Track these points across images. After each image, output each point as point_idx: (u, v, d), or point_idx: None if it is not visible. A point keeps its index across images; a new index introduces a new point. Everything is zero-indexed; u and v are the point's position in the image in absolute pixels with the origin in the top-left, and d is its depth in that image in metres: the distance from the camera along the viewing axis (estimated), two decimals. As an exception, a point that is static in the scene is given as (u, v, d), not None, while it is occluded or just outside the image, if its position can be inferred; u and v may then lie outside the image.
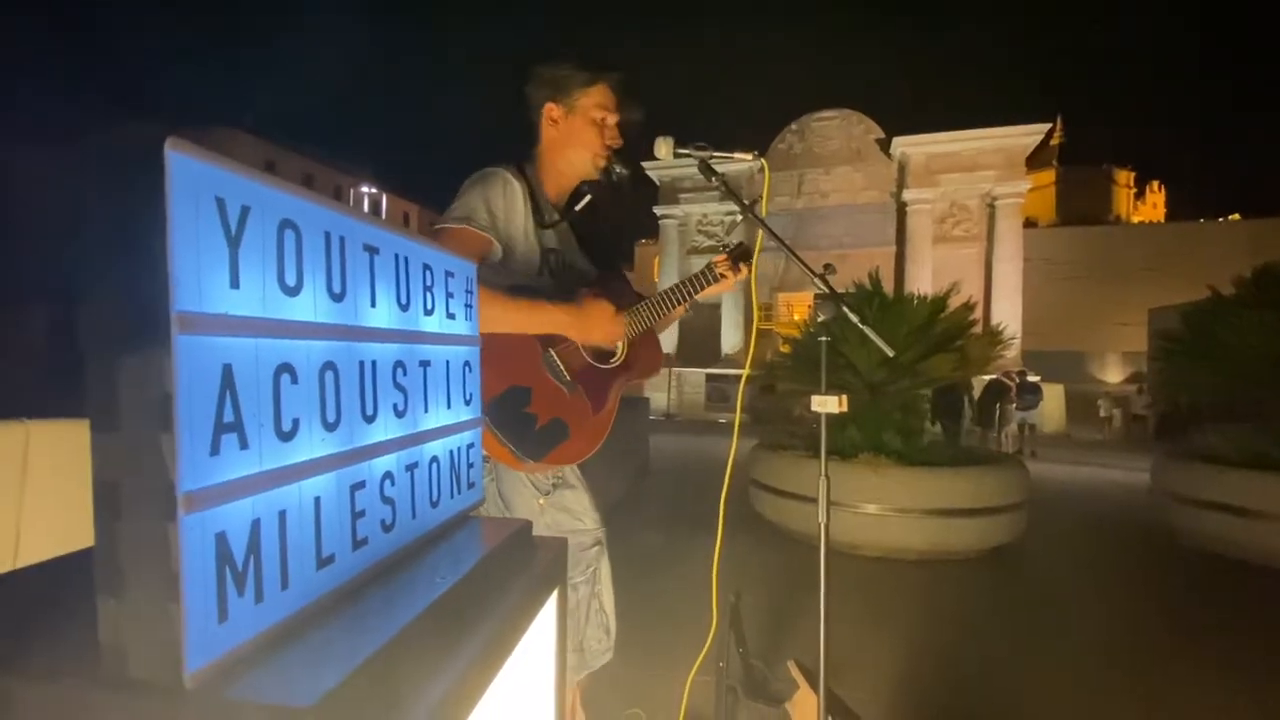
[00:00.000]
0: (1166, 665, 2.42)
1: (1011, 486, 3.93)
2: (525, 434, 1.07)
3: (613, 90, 1.29)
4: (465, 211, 1.11)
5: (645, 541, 4.23)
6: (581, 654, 1.16)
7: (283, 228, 0.34)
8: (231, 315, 0.29)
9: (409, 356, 0.46)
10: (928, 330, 4.25)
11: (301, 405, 0.34)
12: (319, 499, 0.35)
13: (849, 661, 2.35)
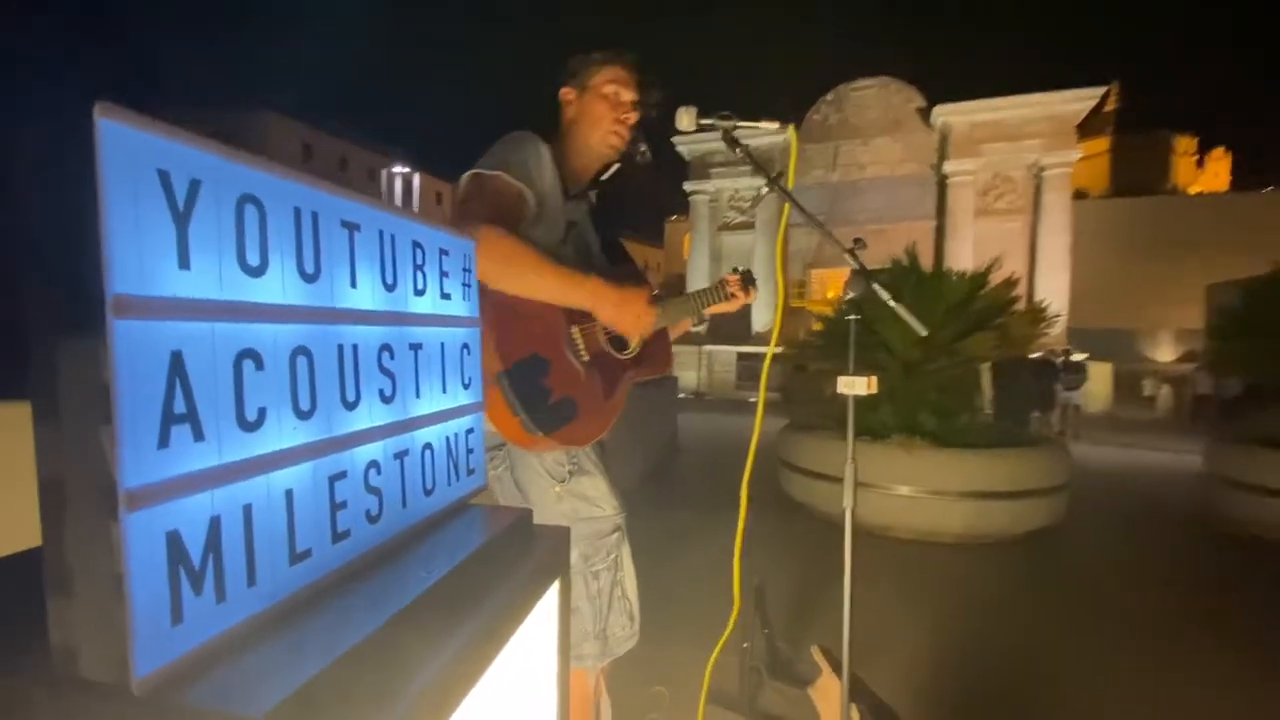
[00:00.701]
0: (1205, 656, 2.32)
1: (1051, 470, 3.80)
2: (539, 405, 1.05)
3: (625, 69, 1.29)
4: (499, 162, 1.09)
5: (672, 520, 4.24)
6: (605, 641, 1.15)
7: (242, 203, 0.32)
8: (181, 298, 0.28)
9: (397, 339, 0.44)
10: (966, 307, 4.10)
11: (269, 393, 0.33)
12: (291, 491, 0.34)
13: (876, 645, 2.32)
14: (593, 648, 1.13)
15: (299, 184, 0.36)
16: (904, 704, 1.89)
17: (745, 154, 1.29)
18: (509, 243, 0.99)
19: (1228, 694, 2.05)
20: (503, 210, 1.04)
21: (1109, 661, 2.28)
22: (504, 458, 1.15)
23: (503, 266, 0.99)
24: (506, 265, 0.99)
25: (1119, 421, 14.58)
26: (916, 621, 2.61)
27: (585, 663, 1.12)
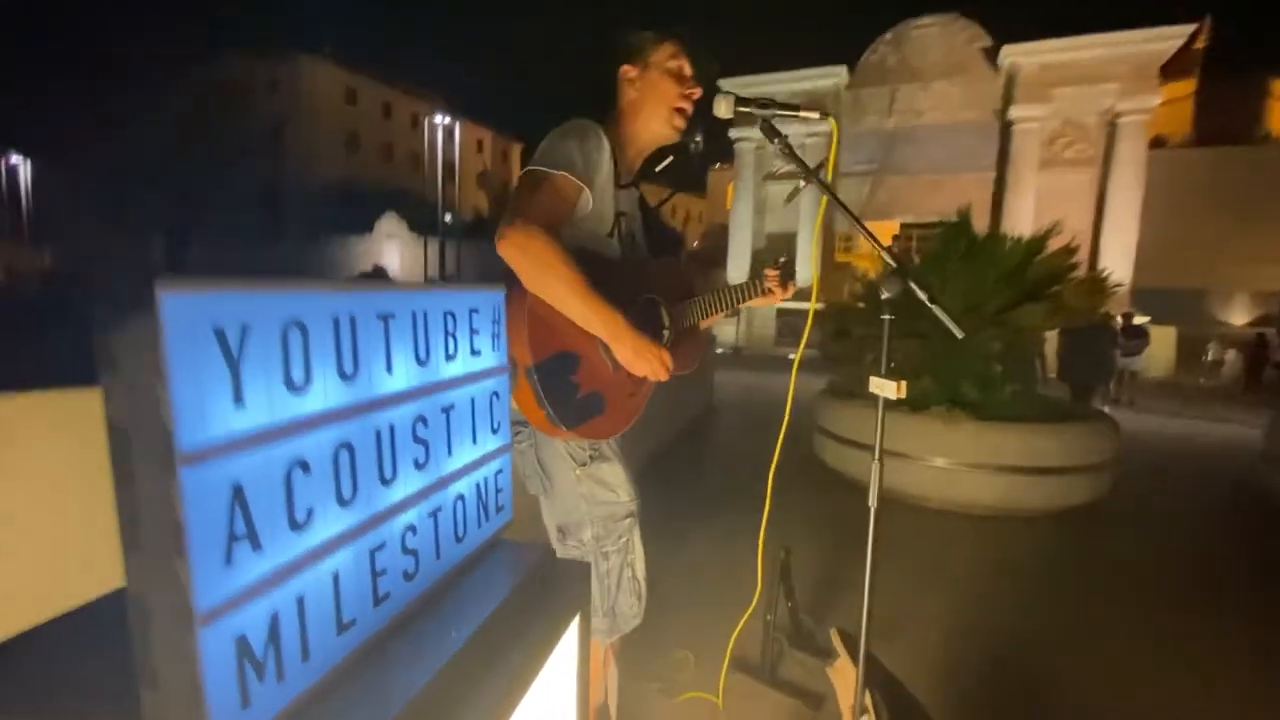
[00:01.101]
0: (1228, 644, 2.29)
1: (1095, 446, 3.70)
2: (566, 400, 1.09)
3: (685, 44, 1.26)
4: (563, 158, 1.09)
5: (704, 486, 4.31)
6: (613, 618, 1.22)
7: (287, 329, 0.35)
8: (237, 434, 0.31)
9: (430, 408, 0.47)
10: (1020, 275, 3.93)
11: (315, 493, 0.36)
12: (337, 573, 0.38)
13: (900, 617, 2.37)
14: (602, 623, 1.20)
15: (337, 293, 0.39)
16: (921, 679, 1.94)
17: (785, 146, 1.26)
18: (551, 252, 1.00)
19: (1244, 680, 2.03)
20: (557, 214, 1.06)
21: (1126, 645, 2.27)
22: (529, 435, 1.19)
23: (537, 272, 1.01)
24: (541, 273, 1.01)
25: (1181, 389, 13.90)
26: (940, 594, 2.64)
27: (596, 635, 1.20)
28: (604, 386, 1.14)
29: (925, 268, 4.17)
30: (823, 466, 4.36)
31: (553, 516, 1.24)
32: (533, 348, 1.04)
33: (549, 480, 1.21)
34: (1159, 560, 3.25)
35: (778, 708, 1.75)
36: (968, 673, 2.03)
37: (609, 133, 1.25)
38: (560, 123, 1.15)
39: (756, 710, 1.74)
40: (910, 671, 1.97)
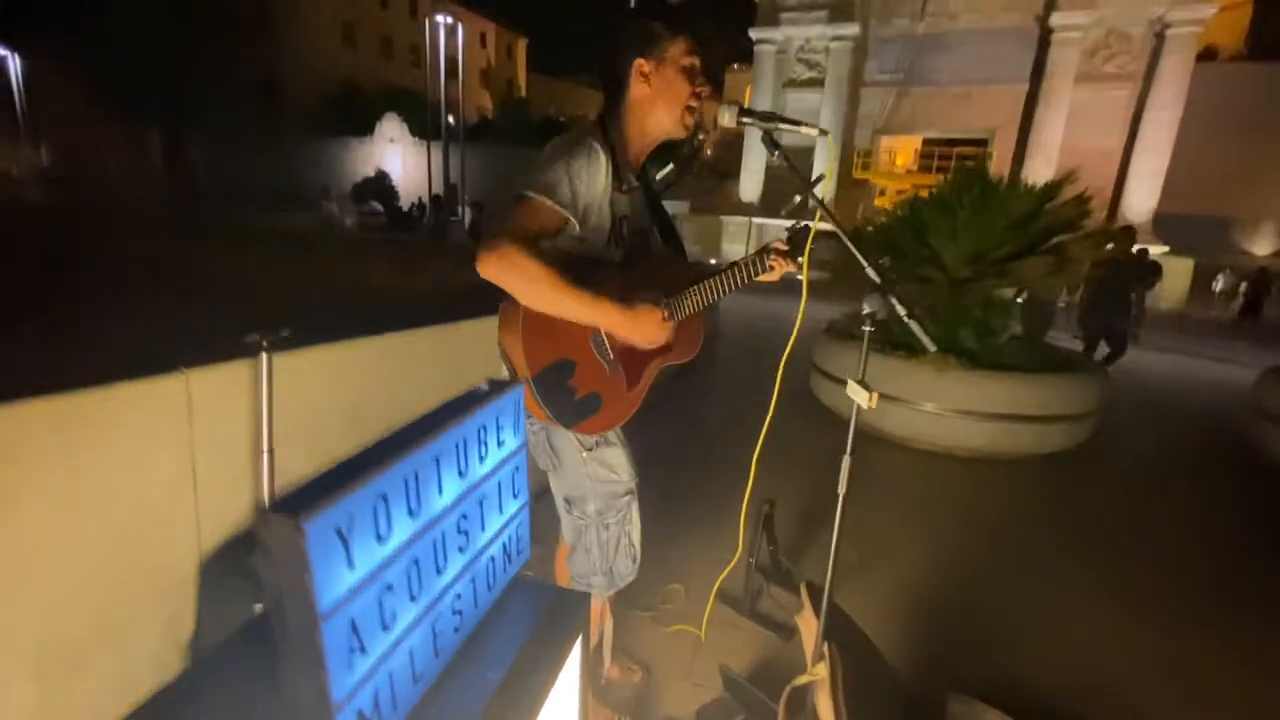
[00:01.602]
0: (1192, 591, 2.53)
1: (1077, 396, 3.84)
2: (564, 405, 1.20)
3: (697, 41, 1.28)
4: (549, 183, 1.13)
5: (705, 414, 4.52)
6: (610, 577, 1.41)
7: (376, 505, 0.47)
8: (351, 586, 0.44)
9: (470, 505, 0.60)
10: (1029, 225, 3.92)
11: (396, 601, 0.50)
12: (412, 649, 0.52)
13: (875, 553, 2.61)
14: (600, 581, 1.40)
15: (408, 458, 0.50)
16: (886, 613, 2.19)
17: (784, 158, 1.30)
18: (533, 266, 1.05)
19: (1179, 632, 2.27)
20: (536, 231, 1.11)
21: (1083, 593, 2.52)
22: (539, 422, 1.33)
23: (521, 283, 1.07)
24: (525, 284, 1.07)
25: (1189, 323, 13.82)
26: (916, 532, 2.88)
27: (594, 590, 1.41)
28: (601, 386, 1.26)
29: (935, 211, 4.14)
30: (817, 403, 4.53)
31: (560, 489, 1.40)
32: (529, 360, 1.14)
33: (558, 459, 1.36)
34: (1127, 510, 3.48)
35: (753, 637, 2.01)
36: (931, 611, 2.28)
37: (612, 128, 1.28)
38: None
39: (735, 639, 2.00)
40: (876, 606, 2.23)
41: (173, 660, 1.35)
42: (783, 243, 1.43)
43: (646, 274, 1.33)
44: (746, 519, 1.74)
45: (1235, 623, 2.33)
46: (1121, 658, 2.08)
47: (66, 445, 1.11)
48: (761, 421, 1.43)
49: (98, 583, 1.19)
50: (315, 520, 0.41)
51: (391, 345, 1.91)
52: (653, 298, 1.26)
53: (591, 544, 1.38)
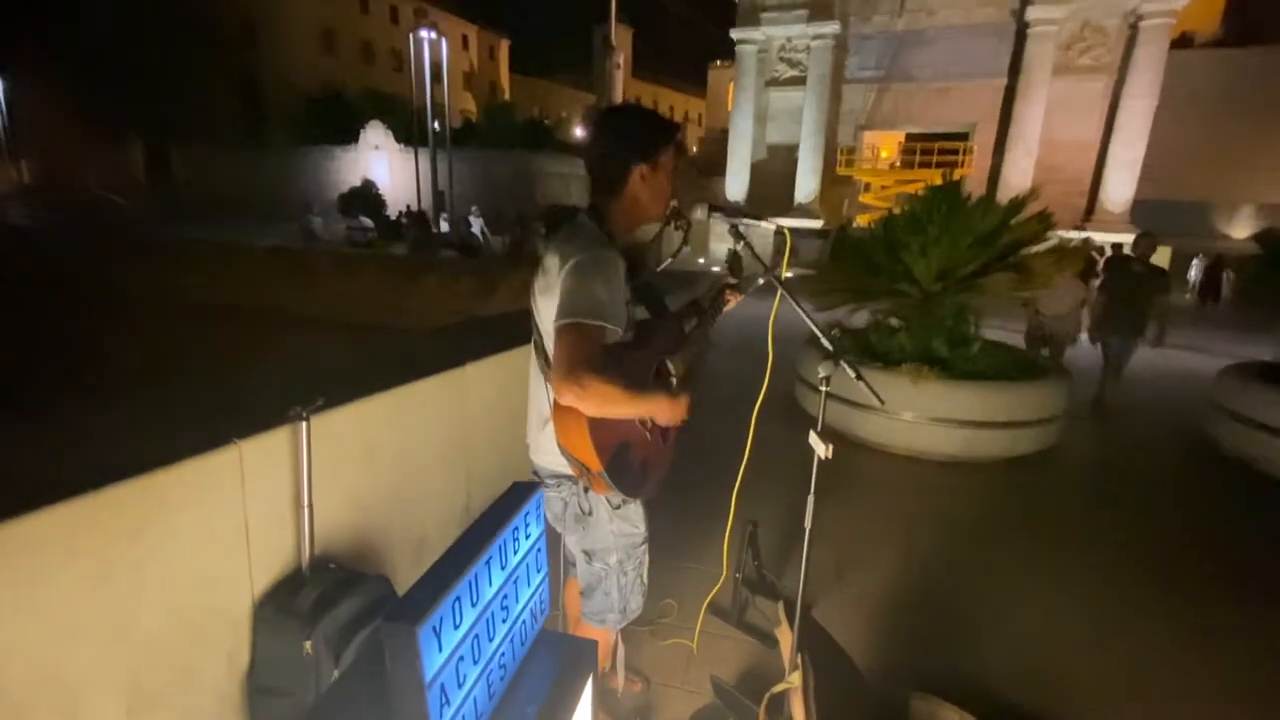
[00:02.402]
0: (1143, 587, 2.78)
1: (1048, 403, 4.09)
2: (630, 481, 1.37)
3: (680, 149, 1.46)
4: (598, 308, 1.26)
5: (699, 429, 4.72)
6: (624, 614, 1.59)
7: (454, 604, 0.67)
8: (442, 664, 0.64)
9: (509, 587, 0.80)
10: (993, 241, 4.16)
11: (467, 667, 0.70)
12: (475, 698, 0.72)
13: (852, 556, 2.85)
14: (614, 618, 1.58)
15: (478, 561, 0.70)
16: (859, 613, 2.41)
17: (749, 248, 1.50)
18: (607, 386, 1.20)
19: (1136, 627, 2.52)
20: (598, 352, 1.23)
21: (1028, 585, 2.76)
22: (570, 489, 1.50)
23: (603, 404, 1.23)
24: (605, 403, 1.23)
25: (1186, 316, 14.09)
26: (891, 535, 3.11)
27: (608, 625, 1.59)
28: (649, 453, 1.44)
29: (907, 228, 4.37)
30: (803, 413, 4.75)
31: (582, 544, 1.55)
32: (599, 453, 1.28)
33: (586, 520, 1.51)
34: (1087, 510, 3.73)
35: (742, 647, 2.23)
36: (901, 614, 2.51)
37: (609, 218, 1.46)
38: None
39: (725, 649, 2.22)
40: (852, 611, 2.46)
41: (233, 691, 1.55)
42: (729, 285, 1.65)
43: (655, 343, 1.50)
44: (731, 538, 1.97)
45: (1183, 615, 2.57)
46: (1074, 654, 2.32)
47: (148, 519, 1.31)
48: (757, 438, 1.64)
49: (172, 631, 1.39)
50: (423, 625, 0.61)
51: (403, 395, 2.11)
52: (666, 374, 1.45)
53: (611, 589, 1.55)
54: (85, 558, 1.20)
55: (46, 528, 1.12)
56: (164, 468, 1.33)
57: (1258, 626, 2.51)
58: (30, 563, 1.11)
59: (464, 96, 43.03)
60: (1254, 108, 27.32)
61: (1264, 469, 4.12)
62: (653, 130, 1.42)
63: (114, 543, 1.26)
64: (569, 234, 1.40)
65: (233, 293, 10.17)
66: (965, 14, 20.47)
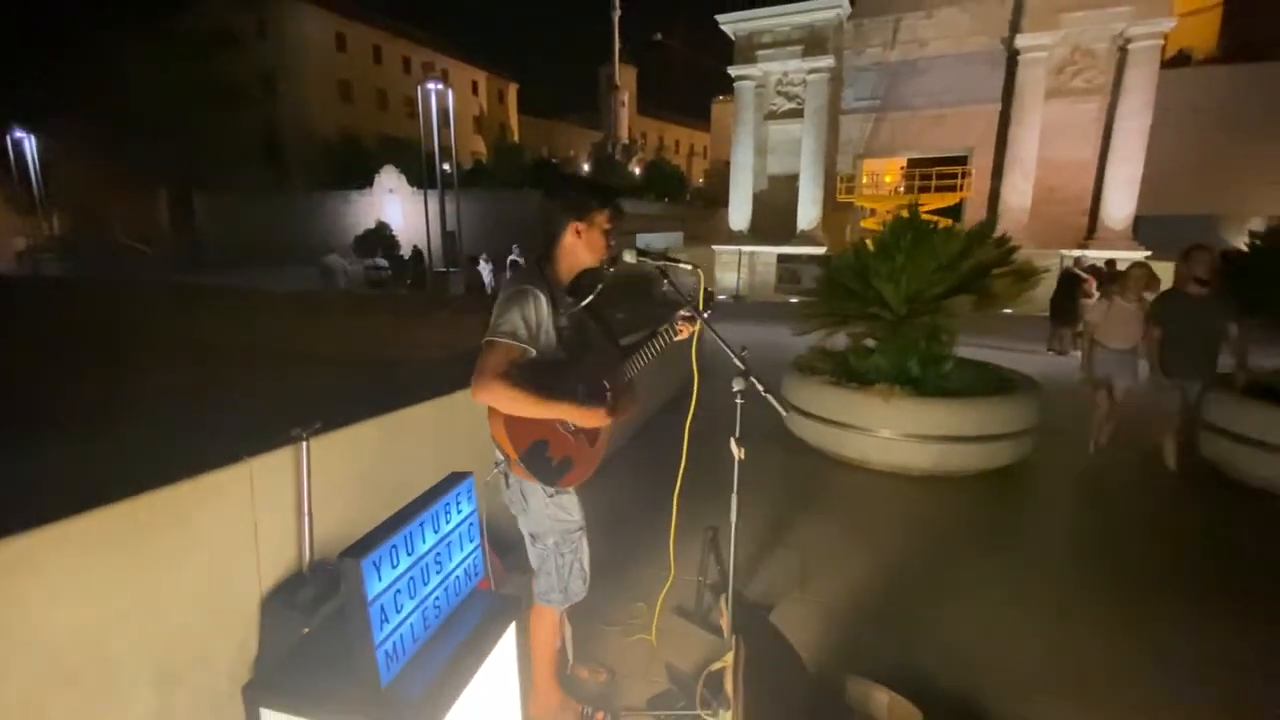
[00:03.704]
0: (1086, 589, 2.94)
1: (1015, 416, 4.28)
2: (546, 470, 1.68)
3: (615, 210, 1.76)
4: (509, 328, 1.59)
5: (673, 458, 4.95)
6: (565, 594, 1.85)
7: (393, 550, 0.93)
8: (381, 589, 0.90)
9: (441, 547, 1.06)
10: (956, 266, 4.41)
11: (402, 599, 0.95)
12: (412, 624, 0.97)
13: (820, 562, 3.05)
14: (557, 597, 1.84)
15: (408, 526, 0.97)
16: (817, 613, 2.60)
17: (673, 286, 1.78)
18: (511, 391, 1.53)
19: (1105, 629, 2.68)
20: (509, 365, 1.56)
21: (1003, 596, 2.93)
22: (515, 478, 1.78)
23: (508, 404, 1.56)
24: (510, 404, 1.55)
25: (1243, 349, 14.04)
26: (856, 544, 3.30)
27: (552, 603, 1.85)
28: (570, 451, 1.73)
29: (877, 256, 4.64)
30: (788, 431, 4.95)
31: (526, 527, 1.85)
32: (515, 445, 1.62)
33: (526, 505, 1.81)
34: (1045, 519, 3.89)
35: (702, 642, 2.43)
36: (855, 611, 2.70)
37: (550, 266, 1.76)
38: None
39: (688, 644, 2.43)
40: (810, 608, 2.66)
41: (243, 673, 1.80)
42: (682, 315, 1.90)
43: (586, 363, 1.78)
44: (686, 542, 2.20)
45: (1127, 610, 2.74)
46: (1009, 644, 2.50)
47: (176, 521, 1.59)
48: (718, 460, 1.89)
49: (194, 619, 1.66)
50: (366, 560, 0.87)
51: (397, 419, 2.40)
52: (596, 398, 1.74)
53: (551, 569, 1.83)
54: (125, 553, 1.48)
55: (97, 526, 1.41)
56: (189, 479, 1.62)
57: (1200, 622, 2.66)
58: (83, 555, 1.39)
59: (474, 139, 44.49)
60: (1254, 122, 27.54)
61: (1234, 476, 4.25)
62: (587, 195, 1.74)
63: (148, 541, 1.53)
64: (514, 273, 1.73)
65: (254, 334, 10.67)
66: (956, 43, 21.02)
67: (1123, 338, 4.62)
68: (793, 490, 4.06)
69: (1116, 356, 4.63)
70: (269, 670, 1.51)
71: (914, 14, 21.32)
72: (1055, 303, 9.95)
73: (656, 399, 5.88)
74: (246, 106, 35.59)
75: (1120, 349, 4.62)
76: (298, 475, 1.88)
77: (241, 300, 13.54)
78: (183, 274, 22.92)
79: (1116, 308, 4.62)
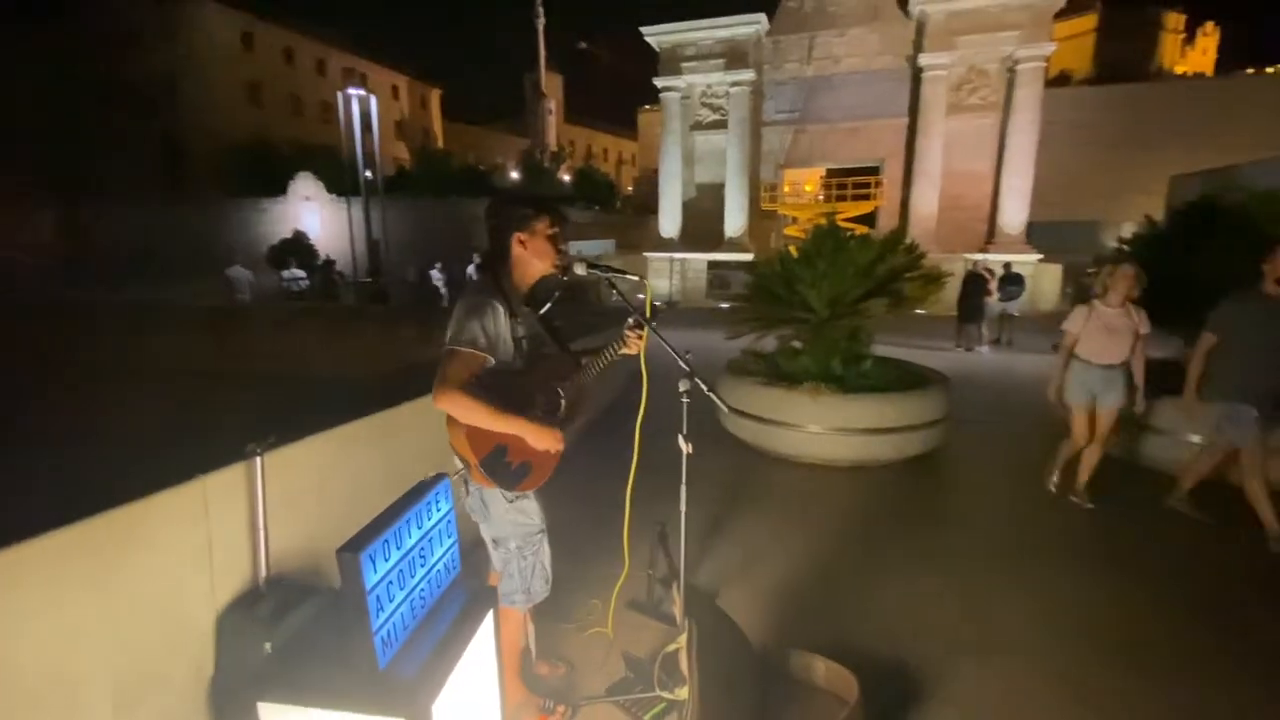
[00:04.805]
0: (994, 560, 3.28)
1: (929, 408, 4.67)
2: (505, 475, 1.73)
3: (557, 216, 1.86)
4: (470, 338, 1.65)
5: (619, 456, 5.09)
6: (529, 595, 1.94)
7: (386, 544, 1.01)
8: (376, 581, 0.97)
9: (424, 542, 1.14)
10: (873, 271, 4.77)
11: (395, 590, 1.03)
12: (403, 613, 1.05)
13: (759, 550, 3.24)
14: (521, 598, 1.92)
15: (402, 521, 1.05)
16: (757, 600, 2.79)
17: (621, 295, 1.91)
18: (471, 402, 1.59)
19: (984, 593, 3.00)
20: (469, 375, 1.63)
21: (901, 562, 3.22)
22: (464, 477, 1.85)
23: (466, 414, 1.61)
24: (468, 414, 1.61)
25: (1059, 322, 15.54)
26: (791, 532, 3.53)
27: (516, 605, 1.93)
28: (528, 457, 1.79)
29: (800, 263, 4.95)
30: (723, 430, 5.18)
31: (489, 533, 1.92)
32: (475, 452, 1.67)
33: (487, 511, 1.87)
34: (957, 500, 4.28)
35: (656, 633, 2.56)
36: (792, 592, 2.91)
37: (502, 276, 1.84)
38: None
39: (642, 635, 2.55)
40: (751, 592, 2.84)
41: (200, 695, 1.78)
42: (630, 328, 2.02)
43: (542, 371, 1.88)
44: (637, 537, 2.33)
45: (1030, 581, 3.08)
46: (930, 611, 2.77)
47: (129, 542, 1.57)
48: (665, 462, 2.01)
49: (150, 639, 1.64)
50: (363, 553, 0.95)
51: (348, 433, 2.41)
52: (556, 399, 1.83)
53: (514, 571, 1.91)
54: (81, 574, 1.47)
55: (53, 547, 1.39)
56: (142, 499, 1.61)
57: (1096, 588, 3.03)
58: (39, 577, 1.37)
59: (396, 145, 43.17)
60: (1125, 136, 30.78)
61: (1118, 455, 4.80)
62: (525, 206, 1.84)
63: (103, 562, 1.52)
64: (471, 284, 1.81)
65: (159, 354, 9.99)
66: (866, 61, 22.31)
67: (1110, 351, 3.72)
68: (731, 486, 4.27)
69: (1102, 373, 3.75)
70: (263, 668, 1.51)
71: (827, 32, 22.47)
72: (961, 302, 10.76)
73: (598, 402, 5.99)
74: (145, 110, 33.15)
75: (1108, 365, 3.74)
76: (251, 491, 1.88)
77: (146, 315, 12.61)
78: (71, 287, 21.04)
79: (1098, 314, 3.74)
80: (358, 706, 0.97)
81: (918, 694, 2.24)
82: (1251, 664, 2.43)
